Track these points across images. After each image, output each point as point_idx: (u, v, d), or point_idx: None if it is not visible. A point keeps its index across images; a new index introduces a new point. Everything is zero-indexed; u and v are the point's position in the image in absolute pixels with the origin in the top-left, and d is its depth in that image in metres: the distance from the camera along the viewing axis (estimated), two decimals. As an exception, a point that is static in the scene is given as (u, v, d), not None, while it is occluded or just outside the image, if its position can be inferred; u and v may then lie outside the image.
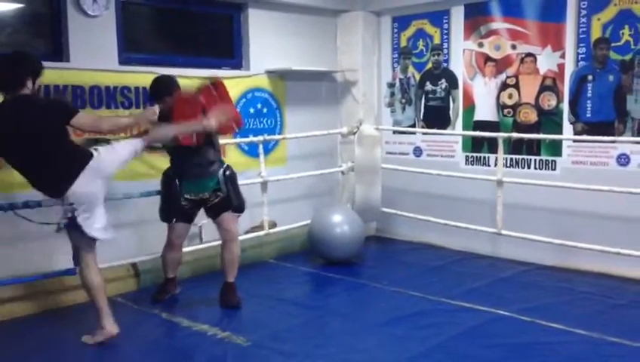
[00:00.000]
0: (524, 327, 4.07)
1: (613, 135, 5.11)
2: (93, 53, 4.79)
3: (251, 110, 5.95)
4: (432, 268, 5.49)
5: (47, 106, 3.77)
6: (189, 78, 5.37)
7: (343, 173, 6.41)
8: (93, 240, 3.79)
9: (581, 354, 3.68)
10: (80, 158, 3.67)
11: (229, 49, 5.90)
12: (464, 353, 3.71)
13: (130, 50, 5.12)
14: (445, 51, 6.17)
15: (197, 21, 5.77)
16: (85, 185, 3.64)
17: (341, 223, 5.50)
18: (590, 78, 5.28)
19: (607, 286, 4.87)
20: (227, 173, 4.48)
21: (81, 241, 3.80)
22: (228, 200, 4.45)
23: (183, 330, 4.11)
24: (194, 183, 4.40)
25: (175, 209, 4.45)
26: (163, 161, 5.10)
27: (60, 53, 4.72)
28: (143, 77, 5.06)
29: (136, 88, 5.05)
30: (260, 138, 5.60)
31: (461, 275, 5.25)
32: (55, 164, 3.62)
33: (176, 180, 4.42)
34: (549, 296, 4.71)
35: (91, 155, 3.70)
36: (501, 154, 5.36)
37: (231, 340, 3.91)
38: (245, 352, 3.77)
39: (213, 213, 4.50)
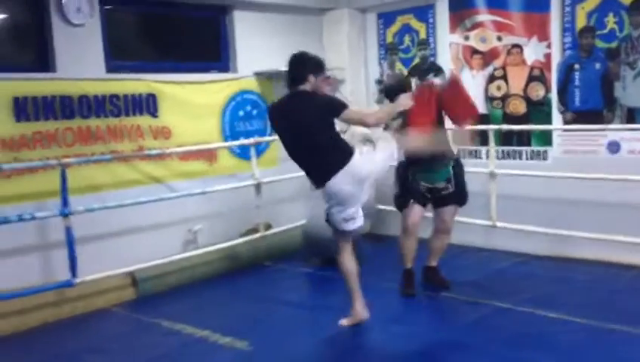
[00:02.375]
0: (523, 318, 4.10)
1: (602, 123, 5.15)
2: (79, 63, 4.76)
3: (241, 113, 5.93)
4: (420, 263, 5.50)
5: (319, 101, 3.89)
6: (176, 83, 5.37)
7: (335, 171, 6.39)
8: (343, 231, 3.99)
9: (582, 342, 3.71)
10: (341, 157, 3.81)
11: (216, 52, 5.88)
12: (468, 344, 3.74)
13: (118, 58, 5.09)
14: (432, 45, 6.18)
15: (183, 26, 5.75)
16: (339, 183, 3.77)
17: (336, 222, 5.48)
18: (577, 67, 5.31)
19: (603, 273, 4.91)
20: (458, 166, 4.64)
21: (335, 230, 4.03)
22: (456, 193, 4.60)
23: (186, 337, 4.09)
24: (428, 172, 4.53)
25: (414, 192, 4.57)
26: (153, 168, 5.10)
27: (46, 63, 4.69)
28: (131, 84, 5.05)
29: (125, 96, 5.02)
30: (251, 140, 5.59)
31: (458, 269, 5.26)
32: (321, 157, 3.82)
33: (411, 168, 4.55)
34: (546, 285, 4.74)
35: (351, 155, 3.82)
36: (492, 147, 5.38)
37: (233, 345, 3.91)
38: (248, 356, 3.77)
39: (439, 203, 4.66)
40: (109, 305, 4.70)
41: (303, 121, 3.80)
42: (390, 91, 4.63)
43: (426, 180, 4.57)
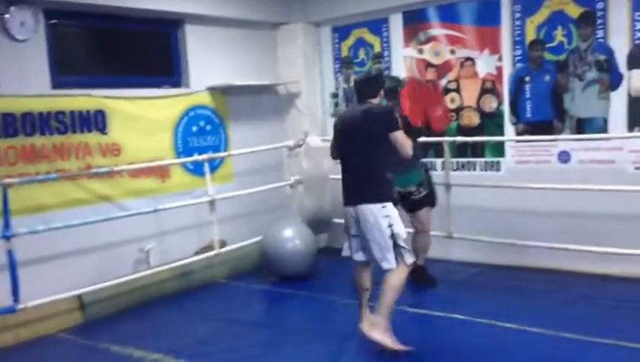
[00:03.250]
0: (480, 330, 4.09)
1: (553, 134, 5.22)
2: (23, 79, 4.61)
3: (194, 128, 5.82)
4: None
5: (378, 115, 3.85)
6: (126, 98, 5.24)
7: (291, 186, 6.33)
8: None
9: (539, 352, 3.71)
10: (383, 184, 3.78)
11: (167, 67, 5.77)
12: (426, 358, 3.69)
13: (64, 73, 4.94)
14: (386, 59, 6.20)
15: (133, 40, 5.62)
16: (366, 213, 3.70)
17: (292, 238, 5.43)
18: (528, 79, 5.38)
19: (557, 282, 4.96)
20: (427, 170, 5.04)
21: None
22: (428, 195, 4.95)
23: (135, 362, 3.95)
24: (401, 177, 4.57)
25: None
26: (102, 186, 4.95)
27: (-13, 80, 4.52)
28: (78, 100, 4.91)
29: (72, 112, 4.87)
30: (205, 156, 5.48)
31: (415, 281, 5.23)
32: (365, 173, 3.80)
33: None
34: (502, 296, 4.75)
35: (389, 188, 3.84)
36: (448, 158, 5.39)
37: (186, 368, 3.79)
38: (201, 380, 3.65)
39: (414, 207, 4.93)
40: (55, 331, 4.51)
41: (358, 130, 3.82)
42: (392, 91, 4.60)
43: (399, 185, 4.63)
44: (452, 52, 5.77)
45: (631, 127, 4.90)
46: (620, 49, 4.88)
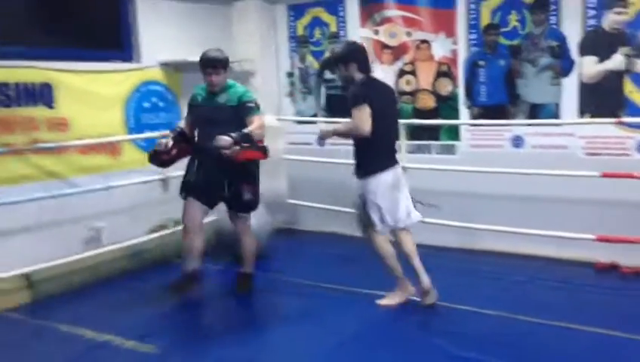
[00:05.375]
0: (431, 311, 4.14)
1: (507, 118, 5.31)
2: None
3: (146, 104, 5.65)
4: (341, 258, 5.48)
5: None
6: (74, 72, 5.03)
7: (245, 165, 6.24)
8: None
9: (491, 333, 3.79)
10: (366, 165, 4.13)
11: (116, 40, 5.55)
12: (374, 341, 3.74)
13: (4, 44, 4.67)
14: (342, 39, 6.15)
15: (80, 10, 5.35)
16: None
17: (247, 218, 5.35)
18: (482, 63, 5.44)
19: (509, 265, 5.06)
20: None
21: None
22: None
23: (86, 342, 3.83)
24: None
25: (195, 186, 4.36)
26: (50, 162, 4.77)
27: None
28: (23, 72, 4.67)
29: (17, 85, 4.63)
30: (157, 133, 5.33)
31: (369, 263, 5.25)
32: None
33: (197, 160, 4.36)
34: (455, 277, 4.82)
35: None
36: (404, 141, 5.41)
37: (138, 349, 3.70)
38: (154, 360, 3.57)
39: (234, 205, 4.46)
40: (1, 310, 4.34)
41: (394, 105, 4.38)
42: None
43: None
44: (408, 34, 5.78)
45: (582, 113, 5.03)
46: (573, 35, 4.98)
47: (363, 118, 3.90)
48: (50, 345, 3.85)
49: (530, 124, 5.22)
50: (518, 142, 5.31)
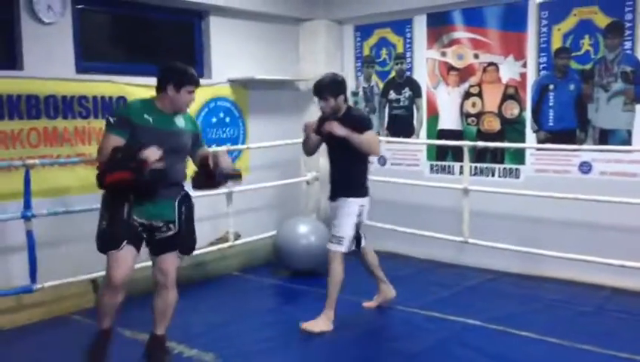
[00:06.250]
0: (494, 336, 4.07)
1: (575, 143, 5.18)
2: (48, 62, 4.61)
3: (214, 120, 5.83)
4: (399, 278, 5.41)
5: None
6: (149, 86, 5.22)
7: (307, 182, 6.33)
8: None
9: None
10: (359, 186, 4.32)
11: (190, 57, 5.77)
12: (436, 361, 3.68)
13: (88, 59, 4.94)
14: (408, 60, 6.18)
15: (157, 29, 5.63)
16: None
17: (307, 234, 5.42)
18: (552, 87, 5.35)
19: (573, 293, 4.92)
20: (191, 206, 3.65)
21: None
22: (178, 237, 3.57)
23: (147, 349, 3.93)
24: (150, 206, 3.45)
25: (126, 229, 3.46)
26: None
27: (13, 61, 4.53)
28: (101, 86, 4.91)
29: (94, 98, 4.87)
30: (224, 148, 5.47)
31: (429, 284, 5.23)
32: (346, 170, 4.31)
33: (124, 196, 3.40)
34: (517, 304, 4.73)
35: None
36: (467, 163, 5.36)
37: (200, 357, 3.79)
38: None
39: (159, 248, 3.59)
40: (68, 312, 4.53)
41: None
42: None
43: (145, 215, 3.45)
44: (476, 56, 5.74)
45: (655, 140, 4.87)
46: (648, 61, 4.85)
47: (377, 141, 4.35)
48: (112, 349, 3.97)
49: (600, 150, 5.07)
50: (585, 167, 5.17)
